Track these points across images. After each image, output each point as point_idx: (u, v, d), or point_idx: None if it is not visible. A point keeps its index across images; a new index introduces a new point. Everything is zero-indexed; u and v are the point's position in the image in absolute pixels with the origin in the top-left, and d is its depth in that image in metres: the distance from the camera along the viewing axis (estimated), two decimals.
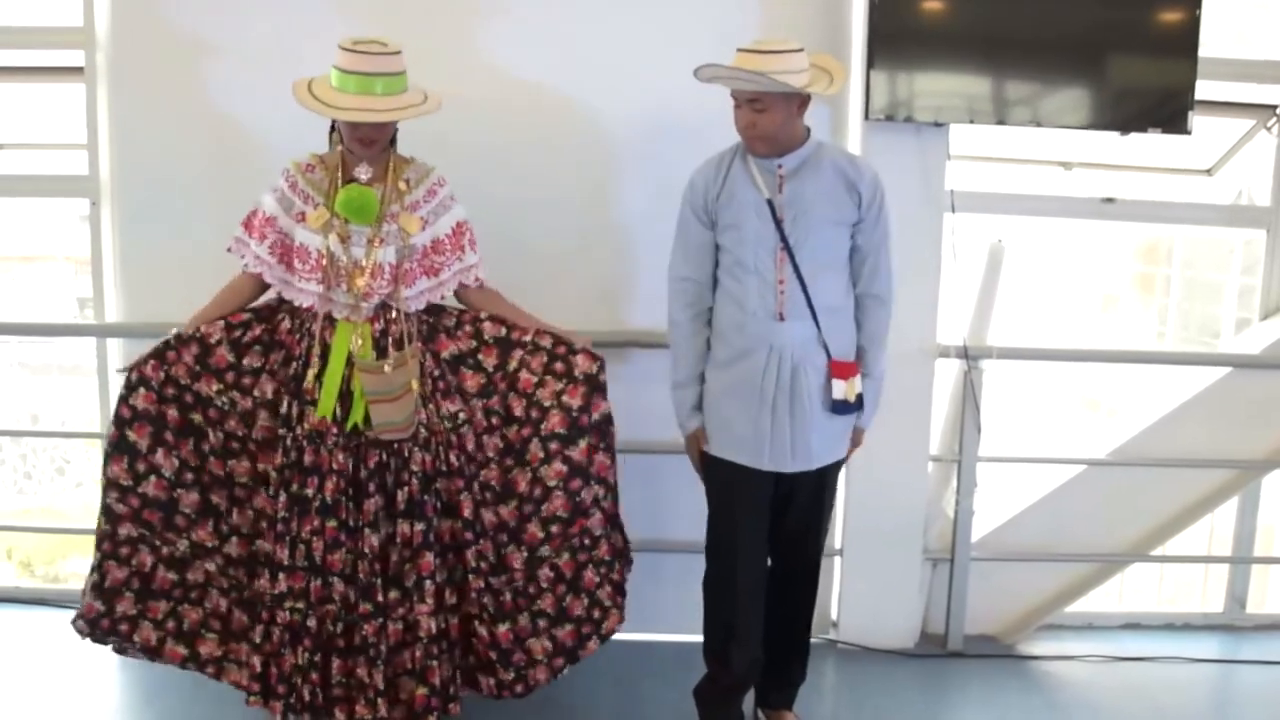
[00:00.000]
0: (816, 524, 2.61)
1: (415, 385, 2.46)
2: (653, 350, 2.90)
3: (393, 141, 2.51)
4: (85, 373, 3.35)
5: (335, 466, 2.46)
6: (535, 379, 2.58)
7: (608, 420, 2.59)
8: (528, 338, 2.58)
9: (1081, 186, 3.43)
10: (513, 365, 2.58)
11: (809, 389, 2.40)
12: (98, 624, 2.51)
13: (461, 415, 2.55)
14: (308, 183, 2.48)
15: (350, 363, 2.45)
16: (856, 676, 3.12)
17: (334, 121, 2.46)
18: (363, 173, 2.44)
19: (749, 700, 2.71)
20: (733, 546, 2.49)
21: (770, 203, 2.39)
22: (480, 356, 2.58)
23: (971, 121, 3.05)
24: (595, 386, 2.58)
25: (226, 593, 2.57)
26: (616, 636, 2.72)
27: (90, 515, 2.58)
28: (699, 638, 2.62)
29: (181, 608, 2.56)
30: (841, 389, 2.40)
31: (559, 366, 2.58)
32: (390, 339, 2.48)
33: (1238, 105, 3.40)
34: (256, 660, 2.49)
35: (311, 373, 2.47)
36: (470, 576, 2.51)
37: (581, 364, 2.57)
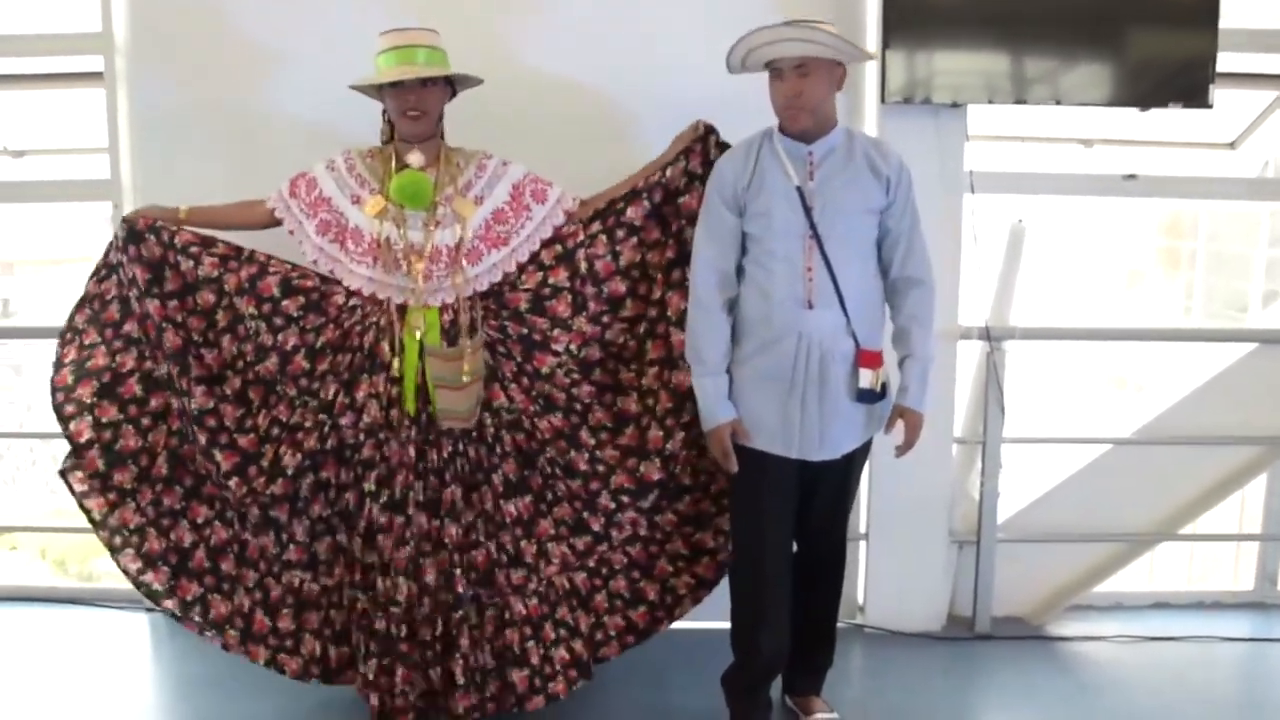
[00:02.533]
0: (842, 510, 2.61)
1: (480, 375, 2.50)
2: None
3: (441, 135, 2.55)
4: None
5: (431, 465, 2.52)
6: (609, 258, 2.58)
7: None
8: (581, 236, 2.57)
9: (1102, 163, 3.40)
10: (583, 267, 2.57)
11: (836, 377, 2.39)
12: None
13: (573, 346, 2.57)
14: (366, 168, 2.54)
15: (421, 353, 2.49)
16: (883, 661, 3.12)
17: (385, 113, 2.54)
18: (415, 159, 2.48)
19: (776, 686, 2.72)
20: (759, 534, 2.49)
21: (800, 190, 2.38)
22: (552, 280, 2.56)
23: (990, 101, 3.02)
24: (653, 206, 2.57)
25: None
26: None
27: None
28: (726, 625, 2.63)
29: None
30: (868, 378, 2.39)
31: (620, 234, 2.58)
32: (459, 328, 2.50)
33: (1260, 76, 3.36)
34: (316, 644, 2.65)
35: (395, 363, 2.49)
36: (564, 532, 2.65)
37: (631, 213, 2.56)
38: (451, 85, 2.55)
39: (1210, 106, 2.99)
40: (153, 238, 2.54)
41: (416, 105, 2.44)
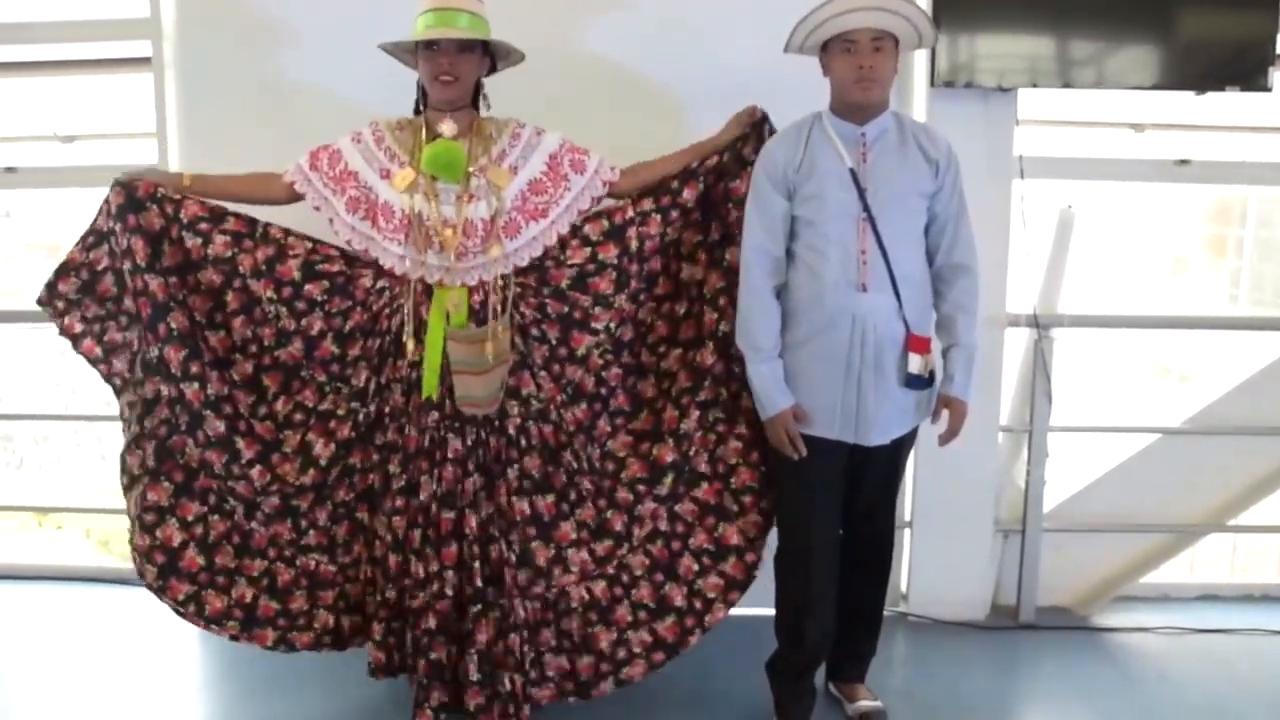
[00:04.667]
0: (890, 496, 2.60)
1: (505, 360, 2.44)
2: None
3: (475, 105, 2.49)
4: None
5: (452, 454, 2.46)
6: (659, 238, 2.54)
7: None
8: (631, 213, 2.51)
9: (1154, 148, 3.33)
10: (634, 245, 2.52)
11: (889, 361, 2.37)
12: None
13: (612, 324, 2.53)
14: (395, 140, 2.46)
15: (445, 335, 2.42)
16: (927, 649, 3.10)
17: (419, 84, 2.47)
18: (447, 129, 2.40)
19: (820, 674, 2.71)
20: (807, 521, 2.48)
21: (853, 172, 2.35)
22: (601, 256, 2.50)
23: (1035, 85, 2.97)
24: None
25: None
26: None
27: None
28: (770, 611, 2.62)
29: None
30: (917, 363, 2.37)
31: (674, 214, 2.53)
32: (489, 309, 2.44)
33: None
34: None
35: (410, 345, 2.42)
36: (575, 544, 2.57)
37: (686, 195, 2.52)
38: (491, 58, 2.48)
39: (1270, 89, 2.93)
40: (154, 207, 2.42)
41: (450, 70, 2.35)
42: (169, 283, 2.44)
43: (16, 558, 3.74)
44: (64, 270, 2.50)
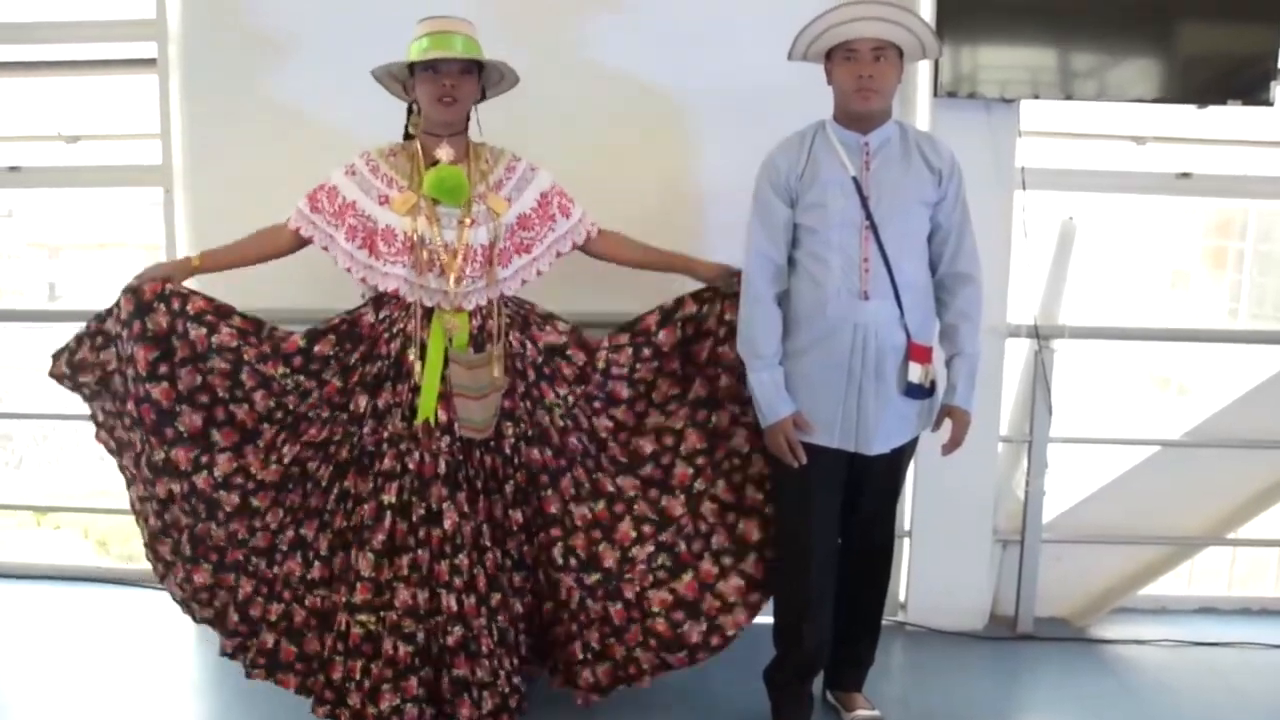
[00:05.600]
0: (890, 505, 2.60)
1: (502, 384, 2.45)
2: None
3: (467, 129, 2.50)
4: None
5: (471, 474, 2.46)
6: (626, 369, 2.57)
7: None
8: (606, 344, 2.56)
9: (1155, 161, 3.34)
10: (601, 363, 2.55)
11: (891, 370, 2.37)
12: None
13: (570, 399, 2.54)
14: (390, 166, 2.45)
15: (446, 359, 2.42)
16: (925, 658, 3.10)
17: (411, 106, 2.47)
18: (445, 154, 2.41)
19: (818, 683, 2.71)
20: (807, 529, 2.48)
21: (856, 180, 2.36)
22: (570, 353, 2.55)
23: (1036, 96, 2.97)
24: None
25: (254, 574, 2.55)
26: None
27: None
28: (768, 619, 2.62)
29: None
30: (918, 373, 2.37)
31: (647, 352, 2.56)
32: (486, 334, 2.45)
33: None
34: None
35: (418, 367, 2.41)
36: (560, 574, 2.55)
37: (663, 337, 2.55)
38: (481, 87, 2.48)
39: (1271, 104, 2.94)
40: (162, 306, 2.41)
41: (452, 91, 2.36)
42: (178, 380, 2.43)
43: (15, 557, 3.75)
44: (82, 367, 2.54)
